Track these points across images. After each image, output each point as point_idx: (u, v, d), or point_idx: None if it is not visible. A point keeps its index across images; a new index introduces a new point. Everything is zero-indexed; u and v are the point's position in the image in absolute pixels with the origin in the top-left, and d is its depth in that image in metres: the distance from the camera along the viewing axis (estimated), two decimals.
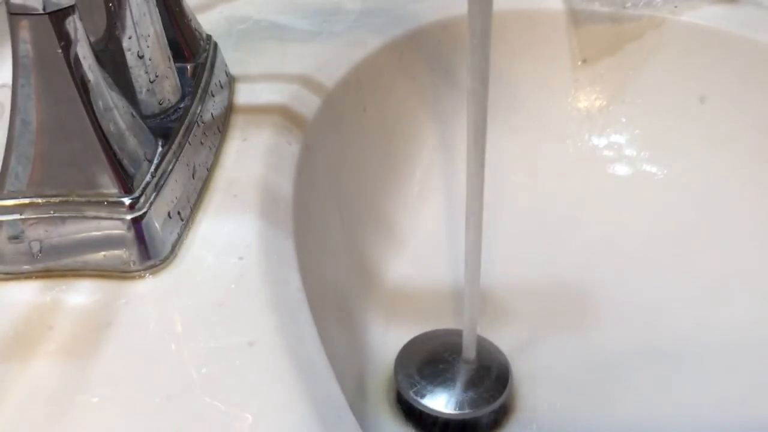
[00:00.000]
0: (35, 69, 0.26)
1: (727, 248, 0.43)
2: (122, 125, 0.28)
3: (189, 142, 0.32)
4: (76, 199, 0.27)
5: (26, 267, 0.28)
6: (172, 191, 0.29)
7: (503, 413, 0.37)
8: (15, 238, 0.28)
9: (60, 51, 0.25)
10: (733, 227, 0.43)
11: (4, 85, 0.37)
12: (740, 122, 0.45)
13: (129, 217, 0.28)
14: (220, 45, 0.39)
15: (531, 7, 0.48)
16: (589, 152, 0.48)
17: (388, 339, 0.39)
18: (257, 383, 0.24)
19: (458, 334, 0.36)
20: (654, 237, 0.45)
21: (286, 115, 0.37)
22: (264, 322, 0.26)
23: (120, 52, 0.31)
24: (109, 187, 0.27)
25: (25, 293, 0.27)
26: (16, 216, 0.27)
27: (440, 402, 0.35)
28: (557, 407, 0.37)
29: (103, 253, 0.28)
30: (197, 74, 0.35)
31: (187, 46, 0.36)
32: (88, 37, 0.27)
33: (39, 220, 0.27)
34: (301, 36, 0.44)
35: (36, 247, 0.28)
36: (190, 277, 0.28)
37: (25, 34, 0.25)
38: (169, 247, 0.29)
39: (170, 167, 0.30)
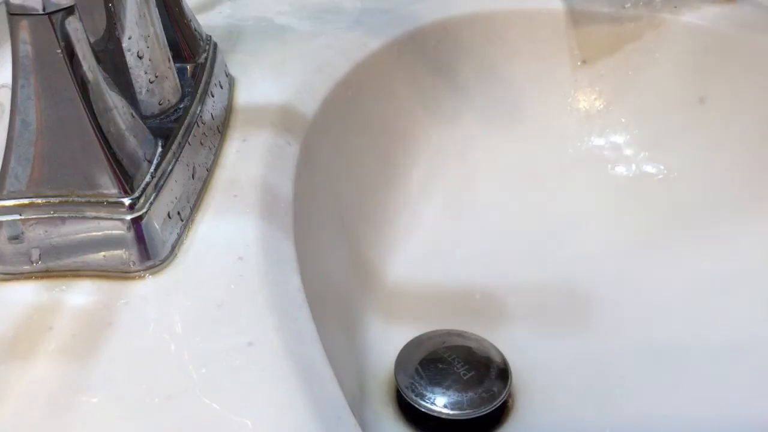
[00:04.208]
0: (35, 69, 0.26)
1: (727, 248, 0.43)
2: (122, 126, 0.28)
3: (189, 143, 0.32)
4: (76, 199, 0.27)
5: (26, 267, 0.28)
6: (172, 191, 0.29)
7: (503, 413, 0.37)
8: (15, 238, 0.28)
9: (60, 51, 0.25)
10: (733, 227, 0.43)
11: (4, 85, 0.37)
12: (740, 122, 0.45)
13: (129, 217, 0.28)
14: (220, 45, 0.39)
15: (531, 7, 0.48)
16: (589, 152, 0.48)
17: (388, 339, 0.39)
18: (257, 384, 0.24)
19: (458, 334, 0.36)
20: (653, 237, 0.45)
21: (286, 115, 0.37)
22: (263, 323, 0.26)
23: (120, 52, 0.31)
24: (108, 187, 0.27)
25: (25, 293, 0.27)
26: (16, 216, 0.27)
27: (440, 402, 0.35)
28: (557, 407, 0.37)
29: (102, 253, 0.28)
30: (197, 74, 0.35)
31: (187, 46, 0.36)
32: (88, 37, 0.27)
33: (39, 221, 0.27)
34: (301, 36, 0.44)
35: (36, 253, 0.28)
36: (190, 277, 0.28)
37: (24, 34, 0.25)
38: (168, 247, 0.29)
39: (170, 167, 0.30)
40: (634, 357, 0.39)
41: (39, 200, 0.27)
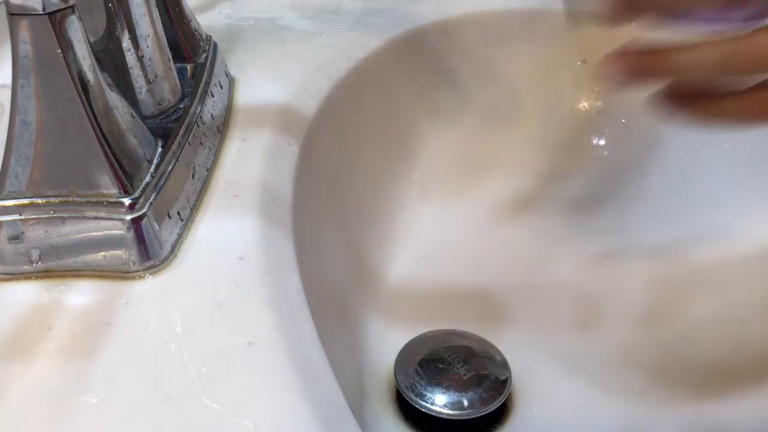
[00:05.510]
0: (35, 69, 0.26)
1: (728, 248, 0.43)
2: (122, 126, 0.28)
3: (189, 143, 0.32)
4: (76, 199, 0.27)
5: (26, 267, 0.28)
6: (172, 191, 0.29)
7: (503, 413, 0.37)
8: (15, 238, 0.28)
9: (60, 51, 0.25)
10: (734, 227, 0.43)
11: (4, 85, 0.37)
12: None
13: (129, 217, 0.28)
14: (220, 45, 0.39)
15: (531, 7, 0.48)
16: (589, 153, 0.48)
17: (388, 339, 0.39)
18: (257, 383, 0.24)
19: (458, 334, 0.36)
20: (654, 237, 0.45)
21: (286, 115, 0.37)
22: (263, 323, 0.26)
23: (120, 53, 0.31)
24: (108, 187, 0.27)
25: (25, 294, 0.27)
26: (16, 216, 0.27)
27: (440, 402, 0.35)
28: (557, 407, 0.37)
29: (102, 253, 0.28)
30: (197, 74, 0.35)
31: (187, 46, 0.36)
32: (88, 37, 0.27)
33: (39, 221, 0.27)
34: (301, 36, 0.44)
35: (36, 253, 0.28)
36: (190, 277, 0.28)
37: (24, 34, 0.25)
38: (168, 247, 0.29)
39: (170, 167, 0.30)
40: (634, 357, 0.39)
41: (39, 200, 0.27)
